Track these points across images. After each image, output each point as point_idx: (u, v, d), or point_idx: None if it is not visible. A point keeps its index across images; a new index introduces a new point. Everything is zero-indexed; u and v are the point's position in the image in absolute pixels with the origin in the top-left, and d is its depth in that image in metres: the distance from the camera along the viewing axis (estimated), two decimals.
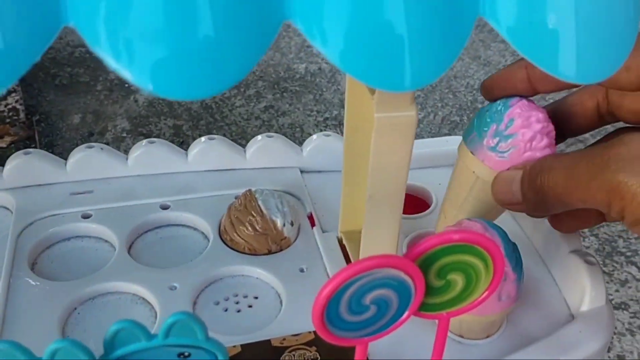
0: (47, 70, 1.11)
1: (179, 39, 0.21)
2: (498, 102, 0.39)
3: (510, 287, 0.38)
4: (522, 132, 0.38)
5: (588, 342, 0.40)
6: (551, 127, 0.39)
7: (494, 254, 0.30)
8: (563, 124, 0.40)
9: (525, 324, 0.42)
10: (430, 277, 0.30)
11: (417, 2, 0.22)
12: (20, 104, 0.95)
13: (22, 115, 0.96)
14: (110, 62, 0.21)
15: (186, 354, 0.26)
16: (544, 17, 0.24)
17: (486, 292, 0.31)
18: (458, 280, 0.30)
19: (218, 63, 0.21)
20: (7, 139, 0.99)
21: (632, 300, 0.91)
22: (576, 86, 0.39)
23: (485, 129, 0.39)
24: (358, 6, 0.22)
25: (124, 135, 1.00)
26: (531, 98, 0.40)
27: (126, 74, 0.21)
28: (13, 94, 0.94)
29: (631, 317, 0.88)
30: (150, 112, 1.04)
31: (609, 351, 0.75)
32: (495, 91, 0.40)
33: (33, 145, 1.02)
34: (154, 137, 1.03)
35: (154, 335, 0.25)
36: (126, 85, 1.12)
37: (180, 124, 1.03)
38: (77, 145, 1.01)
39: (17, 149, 1.04)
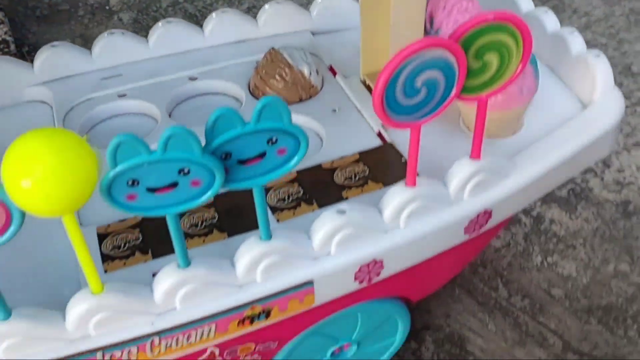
0: (25, 3, 1.11)
1: None
2: None
3: (529, 81, 0.42)
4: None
5: (603, 120, 0.45)
6: None
7: (522, 30, 0.33)
8: None
9: (544, 120, 0.46)
10: (469, 59, 0.33)
11: None
12: (10, 36, 0.95)
13: (12, 47, 0.96)
14: None
15: (274, 139, 0.30)
16: None
17: (519, 67, 0.35)
18: (493, 60, 0.34)
19: None
20: None
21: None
22: None
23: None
24: None
25: None
26: None
27: None
28: (1, 26, 0.94)
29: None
30: (137, 28, 1.04)
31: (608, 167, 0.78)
32: None
33: None
34: None
35: (247, 123, 0.29)
36: (107, 7, 1.12)
37: None
38: None
39: None
